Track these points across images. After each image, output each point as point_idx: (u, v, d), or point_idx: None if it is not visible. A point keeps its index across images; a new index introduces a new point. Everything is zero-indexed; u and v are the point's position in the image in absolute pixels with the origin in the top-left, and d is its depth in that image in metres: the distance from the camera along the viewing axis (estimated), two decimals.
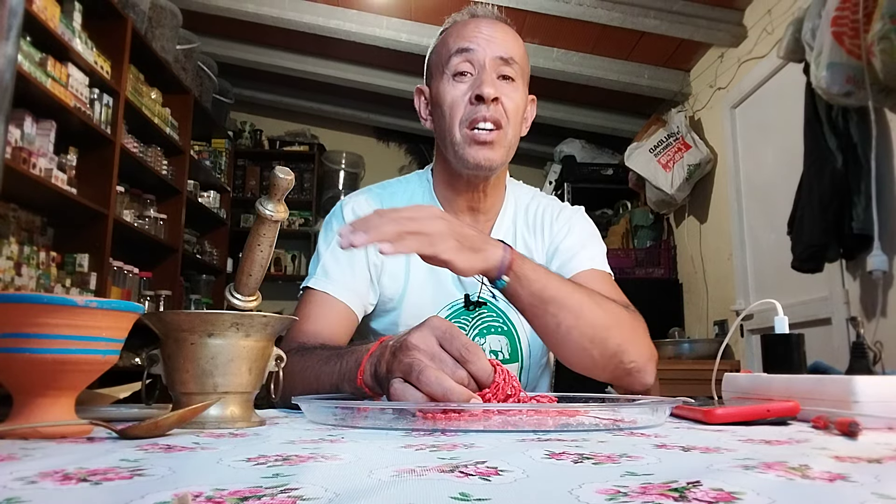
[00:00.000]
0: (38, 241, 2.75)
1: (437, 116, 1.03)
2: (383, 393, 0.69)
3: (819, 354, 1.80)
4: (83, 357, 0.52)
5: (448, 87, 1.00)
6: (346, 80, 4.18)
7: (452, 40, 1.02)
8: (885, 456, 0.42)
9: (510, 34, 1.04)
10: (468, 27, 1.02)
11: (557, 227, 1.10)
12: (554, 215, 1.12)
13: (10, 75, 0.53)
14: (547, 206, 1.14)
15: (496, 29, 1.02)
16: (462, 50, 1.00)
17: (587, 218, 1.15)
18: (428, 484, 0.33)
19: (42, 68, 2.43)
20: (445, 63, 1.01)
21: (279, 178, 0.64)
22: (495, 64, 0.99)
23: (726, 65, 3.28)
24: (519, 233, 1.11)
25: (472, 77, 1.00)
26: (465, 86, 0.99)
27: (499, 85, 0.99)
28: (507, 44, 1.01)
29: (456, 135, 0.99)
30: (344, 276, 1.03)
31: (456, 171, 1.03)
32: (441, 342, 0.64)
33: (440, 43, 1.05)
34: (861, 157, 2.13)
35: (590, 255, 1.07)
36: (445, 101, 1.00)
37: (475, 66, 0.99)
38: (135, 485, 0.33)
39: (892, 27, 1.81)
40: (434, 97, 1.04)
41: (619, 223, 4.10)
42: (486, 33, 1.01)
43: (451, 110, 0.99)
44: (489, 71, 0.98)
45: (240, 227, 4.65)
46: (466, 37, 1.01)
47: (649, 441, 0.50)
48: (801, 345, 0.78)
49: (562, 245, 1.08)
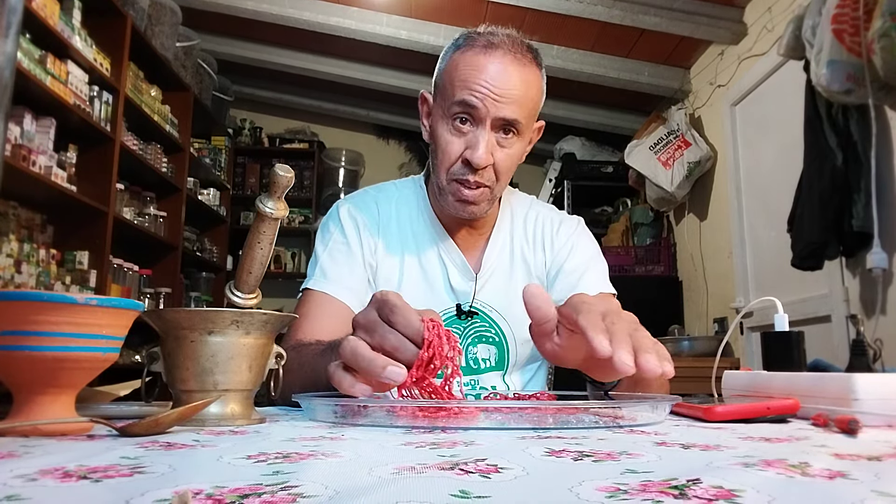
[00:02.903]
0: (37, 239, 2.75)
1: (432, 146, 1.01)
2: None
3: (819, 352, 1.81)
4: (83, 355, 0.52)
5: (444, 133, 0.97)
6: (346, 78, 4.17)
7: (458, 83, 0.94)
8: (885, 453, 0.42)
9: (523, 79, 0.94)
10: (478, 70, 0.93)
11: (559, 244, 1.11)
12: (554, 229, 1.12)
13: (9, 72, 0.53)
14: (546, 219, 1.13)
15: (509, 79, 0.93)
16: (465, 103, 0.93)
17: (587, 231, 1.15)
18: (428, 481, 0.33)
19: (42, 66, 2.43)
20: (447, 104, 0.96)
21: (279, 176, 0.64)
22: (497, 124, 0.94)
23: (726, 62, 3.27)
24: (517, 246, 1.10)
25: (470, 131, 0.95)
26: (461, 141, 0.96)
27: (495, 146, 0.95)
28: (514, 100, 0.93)
29: (443, 180, 0.98)
30: (342, 275, 1.03)
31: None
32: (378, 311, 0.62)
33: (449, 67, 0.97)
34: (861, 154, 2.13)
35: (595, 278, 1.08)
36: (439, 145, 0.98)
37: (475, 122, 0.95)
38: (135, 482, 0.33)
39: (892, 24, 1.80)
40: (431, 128, 1.01)
41: (619, 221, 4.10)
42: (496, 86, 0.92)
43: (442, 156, 0.97)
44: (488, 135, 0.94)
45: (240, 225, 4.65)
46: (473, 86, 0.93)
47: (649, 438, 0.50)
48: (800, 342, 0.78)
49: (566, 265, 1.09)
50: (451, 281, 1.05)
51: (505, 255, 1.09)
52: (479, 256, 1.08)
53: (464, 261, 1.06)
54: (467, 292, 1.05)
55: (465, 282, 1.06)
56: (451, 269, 1.06)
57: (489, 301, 1.06)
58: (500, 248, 1.09)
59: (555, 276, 1.09)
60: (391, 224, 1.08)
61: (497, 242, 1.09)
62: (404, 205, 1.10)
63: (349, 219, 1.08)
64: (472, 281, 1.06)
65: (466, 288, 1.06)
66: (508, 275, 1.08)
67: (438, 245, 1.07)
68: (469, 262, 1.07)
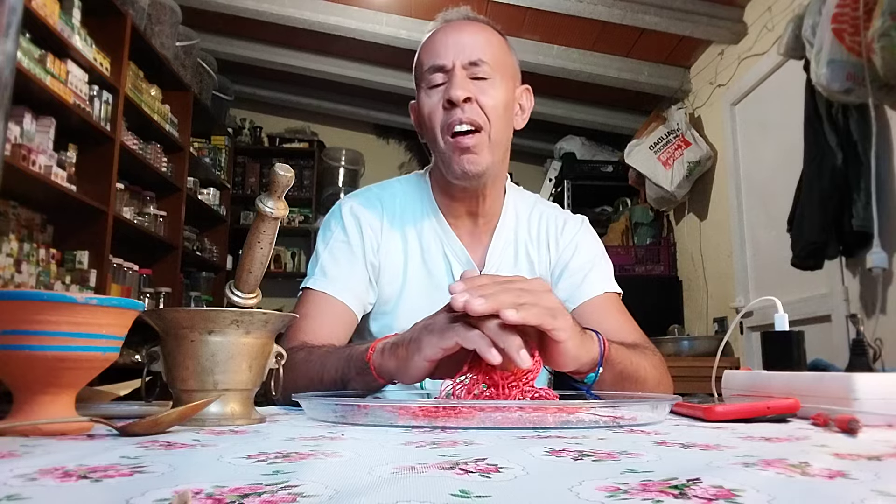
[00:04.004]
0: (37, 239, 2.75)
1: (424, 129, 1.04)
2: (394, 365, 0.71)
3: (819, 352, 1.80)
4: (83, 354, 0.52)
5: (425, 98, 1.02)
6: (346, 77, 4.17)
7: (425, 56, 1.03)
8: (885, 453, 0.42)
9: (481, 33, 1.03)
10: (437, 39, 1.02)
11: (563, 242, 1.11)
12: (559, 228, 1.12)
13: (9, 72, 0.53)
14: (550, 217, 1.14)
15: (464, 33, 1.02)
16: (433, 66, 1.00)
17: (591, 230, 1.16)
18: (428, 481, 0.33)
19: (41, 65, 2.43)
20: (421, 79, 1.03)
21: (279, 175, 0.64)
22: (464, 68, 0.99)
23: (726, 62, 3.27)
24: (521, 243, 1.11)
25: (444, 82, 1.00)
26: (438, 93, 1.00)
27: (470, 86, 0.98)
28: (475, 46, 1.00)
29: (440, 143, 1.00)
30: (342, 275, 1.03)
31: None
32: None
33: (417, 57, 1.06)
34: (861, 154, 2.13)
35: (600, 277, 1.09)
36: (424, 112, 1.02)
37: (446, 74, 1.00)
38: (135, 482, 0.33)
39: (892, 24, 1.80)
40: (418, 111, 1.06)
41: (619, 220, 4.10)
42: (454, 40, 1.00)
43: (430, 120, 1.01)
44: (458, 75, 0.98)
45: (240, 224, 4.64)
46: (436, 50, 1.01)
47: (649, 438, 0.50)
48: (800, 342, 0.78)
49: (571, 264, 1.09)
50: (455, 277, 1.05)
51: (509, 252, 1.09)
52: (482, 253, 1.08)
53: (468, 256, 1.06)
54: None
55: None
56: (455, 266, 1.06)
57: None
58: (504, 245, 1.09)
59: (559, 274, 1.09)
60: (395, 221, 1.08)
61: (501, 239, 1.09)
62: (409, 202, 1.10)
63: (351, 217, 1.08)
64: None
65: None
66: (512, 271, 1.08)
67: (443, 242, 1.07)
68: (473, 258, 1.07)
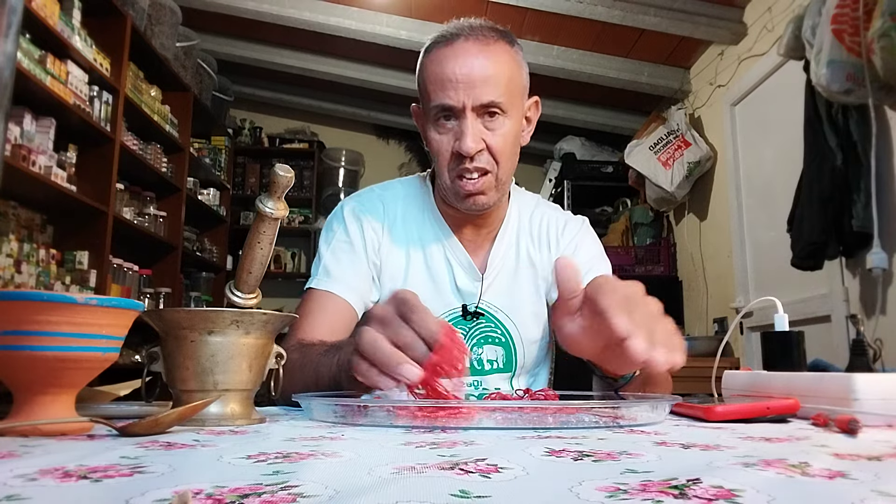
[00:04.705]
0: (37, 239, 2.75)
1: (430, 153, 1.02)
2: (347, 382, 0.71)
3: (819, 352, 1.80)
4: (83, 354, 0.52)
5: (434, 135, 0.98)
6: (346, 78, 4.17)
7: (432, 86, 0.96)
8: (885, 453, 0.42)
9: (492, 63, 0.94)
10: (446, 67, 0.94)
11: (564, 243, 1.11)
12: (560, 229, 1.12)
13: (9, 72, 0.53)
14: (551, 218, 1.13)
15: (475, 65, 0.93)
16: (441, 106, 0.95)
17: (591, 231, 1.16)
18: (428, 481, 0.33)
19: (41, 66, 2.43)
20: (429, 109, 0.97)
21: (279, 176, 0.64)
22: (476, 112, 0.94)
23: (726, 62, 3.27)
24: (522, 244, 1.10)
25: (454, 125, 0.96)
26: (449, 137, 0.96)
27: (483, 131, 0.95)
28: (487, 84, 0.93)
29: (446, 180, 0.99)
30: (345, 274, 1.03)
31: None
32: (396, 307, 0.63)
33: (422, 73, 0.99)
34: (861, 154, 2.13)
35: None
36: (433, 147, 0.99)
37: (456, 116, 0.95)
38: (135, 482, 0.33)
39: (892, 24, 1.80)
40: (424, 135, 1.02)
41: (619, 221, 4.10)
42: (464, 73, 0.93)
43: (438, 158, 0.99)
44: (470, 125, 0.94)
45: (240, 225, 4.65)
46: (444, 84, 0.94)
47: (649, 438, 0.50)
48: (800, 342, 0.78)
49: None
50: (458, 281, 1.05)
51: (511, 255, 1.09)
52: (484, 256, 1.08)
53: (470, 261, 1.06)
54: (473, 293, 1.05)
55: (471, 282, 1.06)
56: (457, 270, 1.06)
57: (495, 301, 1.06)
58: (506, 248, 1.09)
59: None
60: (397, 222, 1.08)
61: (503, 242, 1.09)
62: (410, 203, 1.10)
63: (353, 217, 1.08)
64: (478, 281, 1.06)
65: (472, 288, 1.05)
66: (514, 275, 1.08)
67: (444, 245, 1.07)
68: (475, 261, 1.06)
